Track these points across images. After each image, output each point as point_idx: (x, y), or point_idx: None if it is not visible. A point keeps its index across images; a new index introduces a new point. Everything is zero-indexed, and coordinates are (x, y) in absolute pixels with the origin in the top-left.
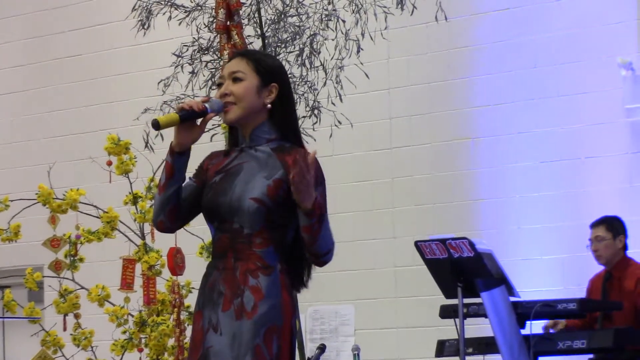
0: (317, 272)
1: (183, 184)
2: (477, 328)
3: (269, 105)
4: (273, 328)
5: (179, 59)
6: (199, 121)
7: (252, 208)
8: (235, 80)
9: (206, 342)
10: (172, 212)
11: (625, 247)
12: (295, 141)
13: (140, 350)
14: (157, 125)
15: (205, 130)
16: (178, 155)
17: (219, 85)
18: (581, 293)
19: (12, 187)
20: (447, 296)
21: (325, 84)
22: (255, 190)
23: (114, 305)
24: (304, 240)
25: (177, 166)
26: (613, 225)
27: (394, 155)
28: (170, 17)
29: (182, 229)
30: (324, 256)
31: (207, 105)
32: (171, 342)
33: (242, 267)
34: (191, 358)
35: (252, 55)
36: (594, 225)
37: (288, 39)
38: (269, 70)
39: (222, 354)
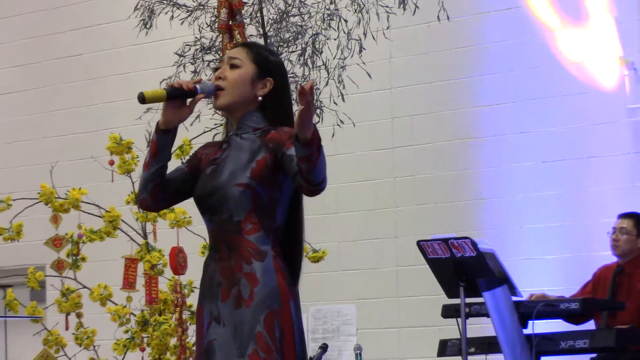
0: (319, 271)
1: (175, 167)
2: (479, 328)
3: (260, 98)
4: (271, 313)
5: (181, 58)
6: (188, 101)
7: (237, 194)
8: (232, 66)
9: (209, 335)
10: (155, 191)
11: None
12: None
13: (143, 350)
14: (142, 98)
15: (207, 129)
16: (163, 133)
17: (216, 69)
18: None
19: (14, 187)
20: (450, 296)
21: (327, 83)
22: (240, 177)
23: (116, 304)
24: (301, 170)
25: (161, 144)
26: None
27: (396, 155)
28: (172, 17)
29: (184, 228)
30: (319, 184)
31: (197, 86)
32: (173, 341)
33: (236, 255)
34: (197, 351)
35: (255, 47)
36: (624, 216)
37: (290, 38)
38: (266, 63)
39: (226, 345)
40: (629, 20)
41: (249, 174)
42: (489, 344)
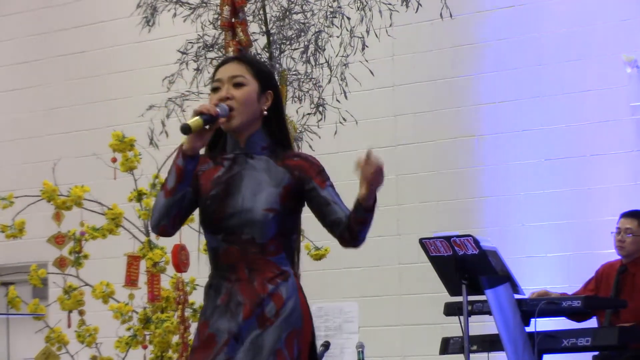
0: (321, 269)
1: None
2: (482, 325)
3: (265, 112)
4: (294, 332)
5: (184, 55)
6: (208, 125)
7: (268, 218)
8: (237, 85)
9: (226, 353)
10: (176, 217)
11: None
12: (287, 146)
13: (145, 347)
14: (188, 129)
15: None
16: (190, 159)
17: (215, 89)
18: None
19: (17, 184)
20: (452, 293)
21: (330, 81)
22: (267, 201)
23: (118, 302)
24: (352, 228)
25: (188, 169)
26: None
27: (398, 153)
28: (175, 14)
29: (186, 225)
30: (361, 241)
31: (218, 109)
32: (175, 339)
33: (259, 276)
34: None
35: (250, 61)
36: (627, 215)
37: (293, 36)
38: (266, 76)
39: None
40: (633, 17)
41: (277, 199)
42: (491, 342)
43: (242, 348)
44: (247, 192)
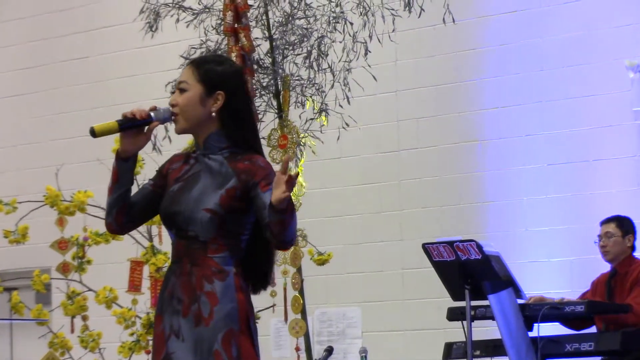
0: (324, 274)
1: (141, 186)
2: (485, 330)
3: (213, 114)
4: (229, 332)
5: (187, 61)
6: (146, 129)
7: (205, 219)
8: (181, 90)
9: (169, 348)
10: (119, 215)
11: (633, 248)
12: (247, 148)
13: (148, 352)
14: (93, 132)
15: None
16: (122, 161)
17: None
18: None
19: (20, 189)
20: (455, 298)
21: (332, 86)
22: (209, 201)
23: (121, 307)
24: (273, 232)
25: (121, 171)
26: (623, 224)
27: (401, 158)
28: (178, 20)
29: None
30: (288, 243)
31: (152, 113)
32: None
33: (198, 272)
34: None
35: (200, 64)
36: (605, 222)
37: (296, 41)
38: (213, 78)
39: (184, 359)
40: (635, 22)
41: (218, 201)
42: (494, 347)
43: (183, 346)
44: (196, 192)
